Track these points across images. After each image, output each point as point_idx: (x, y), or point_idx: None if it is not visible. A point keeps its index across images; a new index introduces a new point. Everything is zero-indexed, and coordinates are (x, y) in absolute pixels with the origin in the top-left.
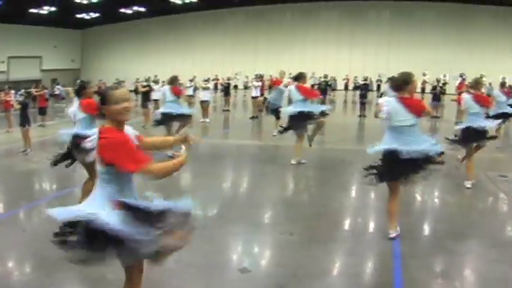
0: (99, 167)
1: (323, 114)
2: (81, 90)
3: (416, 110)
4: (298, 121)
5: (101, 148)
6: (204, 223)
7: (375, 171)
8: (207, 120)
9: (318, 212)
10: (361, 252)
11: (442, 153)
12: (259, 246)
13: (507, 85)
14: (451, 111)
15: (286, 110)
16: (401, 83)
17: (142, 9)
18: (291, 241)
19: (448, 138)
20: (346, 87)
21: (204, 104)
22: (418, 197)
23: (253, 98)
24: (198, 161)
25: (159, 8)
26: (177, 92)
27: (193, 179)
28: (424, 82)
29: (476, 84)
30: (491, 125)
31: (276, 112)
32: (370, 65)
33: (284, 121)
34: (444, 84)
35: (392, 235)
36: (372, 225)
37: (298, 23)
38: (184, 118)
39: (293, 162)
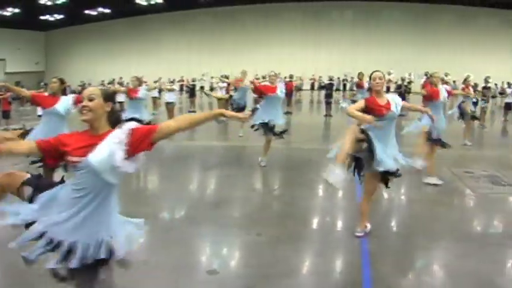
0: None
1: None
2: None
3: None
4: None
5: None
6: (172, 225)
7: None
8: None
9: (285, 212)
10: (329, 250)
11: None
12: (227, 247)
13: (472, 83)
14: None
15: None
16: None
17: (107, 10)
18: (259, 241)
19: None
20: (312, 87)
21: (169, 105)
22: (385, 194)
23: (168, 104)
24: (165, 163)
25: (124, 9)
26: (131, 94)
27: (160, 182)
28: (389, 81)
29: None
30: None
31: (239, 111)
32: (336, 65)
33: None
34: (409, 83)
35: (359, 234)
36: (339, 224)
37: (264, 24)
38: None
39: (262, 164)
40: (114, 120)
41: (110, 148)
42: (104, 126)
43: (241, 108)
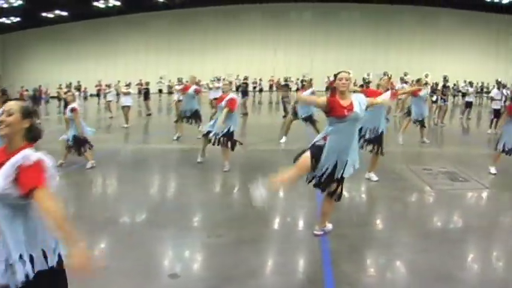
0: None
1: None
2: None
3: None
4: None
5: None
6: (132, 229)
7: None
8: (127, 125)
9: (245, 213)
10: (290, 250)
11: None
12: (188, 250)
13: (429, 83)
14: None
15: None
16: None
17: (64, 13)
18: (220, 243)
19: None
20: (271, 88)
21: (125, 109)
22: (345, 192)
23: (178, 101)
24: (123, 167)
25: (81, 12)
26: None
27: (119, 186)
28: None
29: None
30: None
31: (188, 119)
32: (294, 66)
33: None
34: (368, 82)
35: (318, 232)
36: (300, 223)
37: (224, 25)
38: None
39: (225, 169)
40: (31, 138)
41: (5, 170)
42: (19, 143)
43: (192, 115)
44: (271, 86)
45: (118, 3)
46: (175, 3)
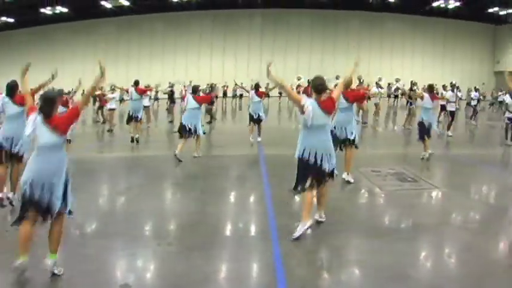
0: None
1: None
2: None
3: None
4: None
5: None
6: (82, 240)
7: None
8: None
9: (195, 220)
10: (242, 256)
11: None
12: (139, 259)
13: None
14: None
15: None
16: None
17: (11, 20)
18: (171, 251)
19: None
20: (224, 94)
21: (109, 111)
22: (296, 196)
23: (109, 110)
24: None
25: (28, 19)
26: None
27: None
28: (299, 86)
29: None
30: None
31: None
32: (243, 71)
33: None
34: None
35: (323, 219)
36: (251, 229)
37: (170, 32)
38: None
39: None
40: None
41: None
42: None
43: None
44: (225, 92)
45: (65, 10)
46: (123, 10)
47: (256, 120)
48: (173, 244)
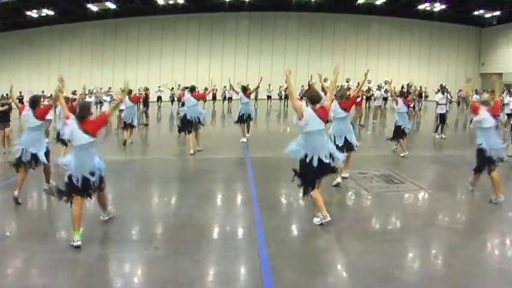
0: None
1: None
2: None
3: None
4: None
5: None
6: (67, 245)
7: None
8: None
9: (182, 223)
10: (229, 259)
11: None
12: (126, 264)
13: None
14: None
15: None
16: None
17: None
18: (157, 255)
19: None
20: (214, 98)
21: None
22: (282, 199)
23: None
24: (56, 181)
25: (14, 21)
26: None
27: (50, 200)
28: (286, 89)
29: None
30: None
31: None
32: (229, 74)
33: None
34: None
35: (321, 220)
36: (238, 232)
37: (157, 36)
38: None
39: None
40: None
41: None
42: None
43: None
44: (214, 96)
45: (51, 13)
46: (109, 13)
47: (245, 120)
48: (160, 248)
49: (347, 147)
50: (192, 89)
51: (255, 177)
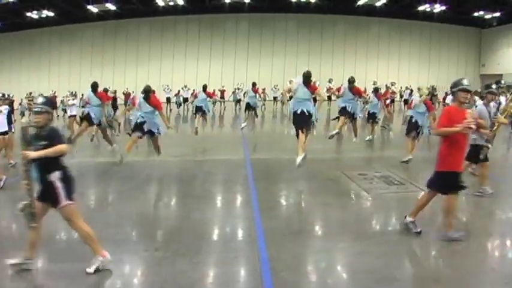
0: None
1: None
2: None
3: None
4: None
5: None
6: (66, 246)
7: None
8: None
9: (181, 225)
10: (229, 260)
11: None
12: (126, 265)
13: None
14: None
15: None
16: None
17: None
18: (157, 257)
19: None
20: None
21: (70, 118)
22: (282, 200)
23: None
24: None
25: (14, 22)
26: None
27: None
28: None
29: None
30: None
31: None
32: (229, 75)
33: None
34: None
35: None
36: (238, 233)
37: (157, 37)
38: None
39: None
40: None
41: None
42: None
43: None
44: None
45: (51, 14)
46: (109, 14)
47: (251, 107)
48: (160, 250)
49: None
50: (204, 88)
51: (255, 178)
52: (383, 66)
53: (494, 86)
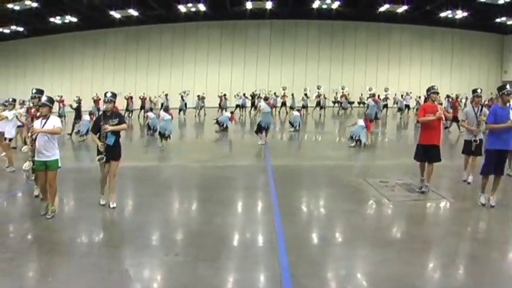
0: None
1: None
2: None
3: None
4: None
5: None
6: (88, 250)
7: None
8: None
9: (202, 230)
10: (248, 266)
11: None
12: (146, 269)
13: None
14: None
15: None
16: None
17: (20, 28)
18: (178, 262)
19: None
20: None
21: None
22: (303, 207)
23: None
24: (75, 186)
25: (38, 28)
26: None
27: (71, 206)
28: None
29: None
30: None
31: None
32: (251, 82)
33: None
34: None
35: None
36: (257, 239)
37: (179, 43)
38: None
39: None
40: None
41: None
42: None
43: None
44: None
45: (74, 20)
46: (131, 20)
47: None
48: (180, 254)
49: None
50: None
51: (276, 184)
52: (405, 73)
53: (479, 90)
